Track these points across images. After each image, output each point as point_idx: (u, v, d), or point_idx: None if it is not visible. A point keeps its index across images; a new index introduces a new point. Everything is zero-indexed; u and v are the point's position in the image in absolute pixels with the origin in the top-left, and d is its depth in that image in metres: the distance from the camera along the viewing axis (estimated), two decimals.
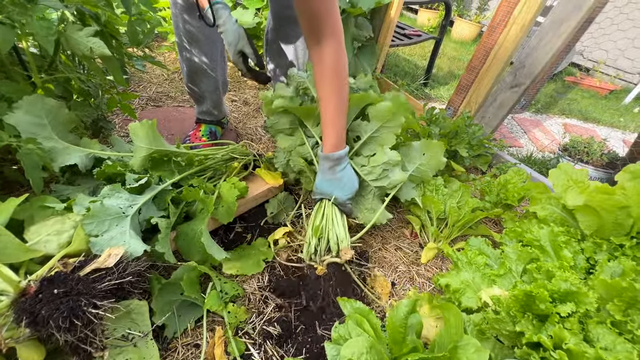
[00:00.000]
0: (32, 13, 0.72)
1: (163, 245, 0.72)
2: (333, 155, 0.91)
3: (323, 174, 0.94)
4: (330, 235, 0.89)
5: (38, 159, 0.75)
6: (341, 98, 0.89)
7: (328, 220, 0.91)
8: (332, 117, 0.88)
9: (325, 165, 0.93)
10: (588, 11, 1.21)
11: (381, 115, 0.97)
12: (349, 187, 0.94)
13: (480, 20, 4.61)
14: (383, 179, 0.98)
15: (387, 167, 0.97)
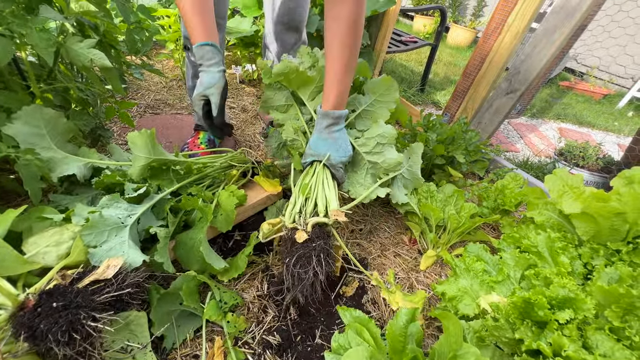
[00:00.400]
0: (32, 25, 0.73)
1: (162, 255, 0.72)
2: (333, 113, 0.88)
3: (319, 133, 0.91)
4: (319, 196, 0.84)
5: (36, 169, 0.75)
6: (353, 56, 0.84)
7: (318, 181, 0.87)
8: (339, 75, 0.85)
9: (322, 123, 0.90)
10: (580, 19, 1.23)
11: (376, 88, 0.98)
12: (344, 149, 0.91)
13: (475, 26, 4.67)
14: (377, 155, 0.95)
15: (381, 140, 0.94)
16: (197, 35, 0.87)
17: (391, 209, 1.27)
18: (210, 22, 0.90)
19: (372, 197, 0.94)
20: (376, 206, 1.27)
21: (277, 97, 1.04)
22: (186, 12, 0.86)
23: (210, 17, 0.90)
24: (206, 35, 0.88)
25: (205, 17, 0.88)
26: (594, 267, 0.84)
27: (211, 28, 0.90)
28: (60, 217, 0.68)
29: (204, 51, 0.88)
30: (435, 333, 0.85)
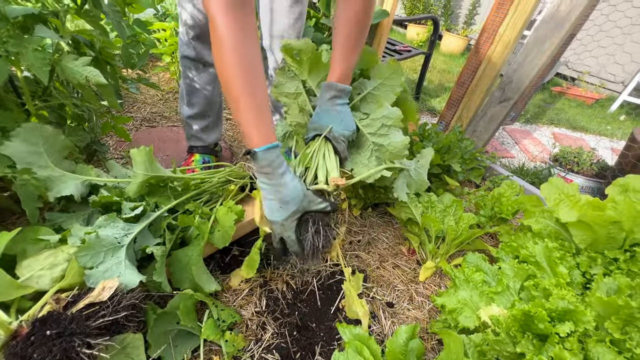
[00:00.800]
0: (28, 44, 0.73)
1: (159, 274, 0.71)
2: (337, 85, 0.86)
3: (322, 105, 0.88)
4: (319, 167, 0.82)
5: (34, 189, 0.75)
6: (361, 37, 0.85)
7: (319, 152, 0.84)
8: (347, 52, 0.84)
9: (326, 95, 0.87)
10: (569, 29, 1.25)
11: (382, 72, 0.96)
12: (346, 122, 0.88)
13: (468, 33, 4.75)
14: (383, 137, 0.92)
15: (386, 122, 0.92)
16: (260, 134, 0.67)
17: (389, 219, 1.27)
18: (269, 113, 0.70)
19: (376, 177, 0.91)
20: (374, 217, 1.27)
21: (288, 85, 1.02)
22: (236, 103, 0.66)
23: (267, 100, 0.70)
24: (271, 132, 0.69)
25: (264, 106, 0.68)
26: (593, 276, 0.84)
27: (271, 119, 0.72)
28: (56, 238, 0.68)
29: (274, 156, 0.68)
30: (436, 346, 0.84)
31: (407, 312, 0.91)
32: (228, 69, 0.63)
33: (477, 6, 4.72)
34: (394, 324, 0.88)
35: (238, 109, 0.66)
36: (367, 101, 0.98)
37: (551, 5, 1.27)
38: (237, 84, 0.64)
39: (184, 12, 1.03)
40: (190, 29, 1.04)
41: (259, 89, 0.67)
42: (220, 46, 0.62)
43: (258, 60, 0.67)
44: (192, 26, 1.04)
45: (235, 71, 0.63)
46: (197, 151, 1.32)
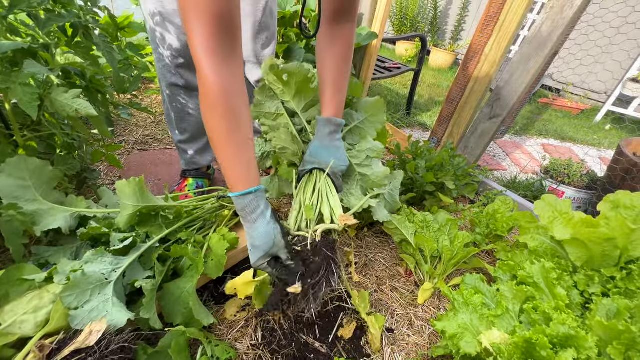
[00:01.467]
0: (17, 79, 0.72)
1: (148, 310, 0.69)
2: (336, 120, 0.89)
3: (321, 140, 0.90)
4: (323, 204, 0.83)
5: (19, 224, 0.73)
6: (349, 70, 0.90)
7: (322, 189, 0.86)
8: (339, 85, 0.88)
9: (324, 130, 0.89)
10: (552, 48, 1.30)
11: (368, 108, 1.03)
12: (344, 158, 0.92)
13: (455, 49, 4.90)
14: (367, 167, 0.99)
15: (370, 154, 0.99)
16: (236, 180, 0.69)
17: (385, 239, 1.26)
18: (252, 156, 0.71)
19: (364, 207, 0.96)
20: (370, 237, 1.26)
21: (268, 104, 1.03)
22: (218, 146, 0.67)
23: (251, 149, 0.71)
24: (248, 177, 0.70)
25: (245, 152, 0.69)
26: (591, 295, 0.84)
27: (254, 166, 0.72)
28: (42, 276, 0.65)
29: (247, 201, 0.70)
30: None
31: (407, 338, 0.89)
32: (213, 112, 0.64)
33: (463, 22, 4.89)
34: (394, 351, 0.85)
35: (220, 152, 0.68)
36: (353, 133, 1.03)
37: (534, 26, 1.31)
38: (220, 128, 0.65)
39: (169, 35, 1.00)
40: (178, 55, 1.02)
41: (242, 133, 0.68)
42: (206, 89, 0.63)
43: (245, 104, 0.68)
44: (179, 52, 1.02)
45: (220, 115, 0.64)
46: (191, 175, 1.30)
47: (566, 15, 1.21)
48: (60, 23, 0.82)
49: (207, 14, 0.56)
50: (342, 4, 0.81)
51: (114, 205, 0.98)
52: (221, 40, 0.60)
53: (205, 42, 0.59)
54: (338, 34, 0.85)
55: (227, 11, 0.59)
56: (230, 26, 0.61)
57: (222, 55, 0.61)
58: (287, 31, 1.87)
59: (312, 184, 0.89)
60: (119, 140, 1.69)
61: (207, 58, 0.60)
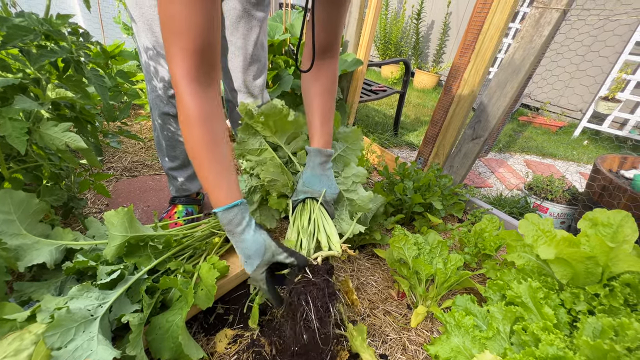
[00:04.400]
0: (6, 115, 0.73)
1: (134, 346, 0.67)
2: (326, 151, 0.93)
3: (312, 170, 0.94)
4: (320, 232, 0.86)
5: (2, 261, 0.71)
6: (334, 102, 0.96)
7: (317, 217, 0.89)
8: (327, 117, 0.93)
9: (316, 160, 0.93)
10: (526, 74, 1.38)
11: (348, 137, 1.11)
12: (335, 186, 0.95)
13: (437, 70, 5.12)
14: (353, 192, 1.03)
15: (356, 179, 1.04)
16: (219, 195, 0.71)
17: (376, 261, 1.27)
18: (233, 174, 0.73)
19: (355, 232, 0.99)
20: (361, 259, 1.27)
21: (251, 141, 1.06)
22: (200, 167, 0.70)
23: (230, 163, 0.73)
24: (230, 192, 0.72)
25: (226, 169, 0.72)
26: (578, 313, 0.85)
27: (236, 183, 0.74)
28: (24, 315, 0.63)
29: (232, 215, 0.71)
30: None
31: None
32: (193, 135, 0.68)
33: (443, 46, 5.15)
34: None
35: (200, 171, 0.70)
36: (337, 162, 1.10)
37: (507, 54, 1.40)
38: (200, 149, 0.69)
39: (162, 69, 1.05)
40: (169, 85, 1.05)
41: (221, 152, 0.71)
42: (186, 115, 0.66)
43: (222, 127, 0.72)
44: (171, 84, 1.06)
45: (200, 138, 0.68)
46: (180, 202, 1.30)
47: (536, 45, 1.30)
48: (52, 59, 0.83)
49: (190, 47, 0.61)
50: (326, 42, 0.87)
51: (101, 236, 0.96)
52: (202, 70, 0.64)
53: (186, 72, 0.63)
54: (322, 69, 0.91)
55: (208, 44, 0.63)
56: (210, 58, 0.65)
57: (202, 84, 0.66)
58: (276, 58, 1.94)
59: (307, 212, 0.92)
60: (108, 167, 1.68)
61: (188, 87, 0.64)
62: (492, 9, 1.37)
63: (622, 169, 1.67)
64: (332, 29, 0.87)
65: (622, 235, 0.91)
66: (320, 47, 0.87)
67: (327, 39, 0.87)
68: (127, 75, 1.94)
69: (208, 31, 0.61)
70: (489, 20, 1.39)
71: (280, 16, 2.00)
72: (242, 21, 1.07)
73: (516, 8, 1.42)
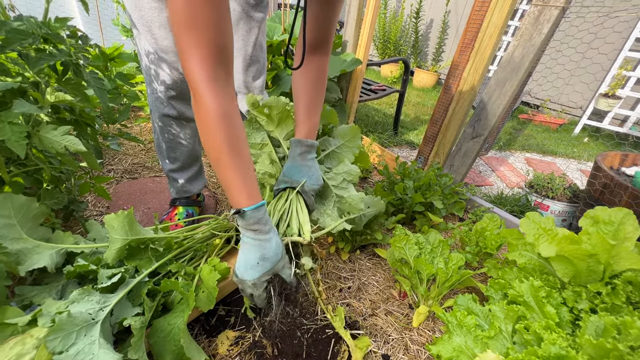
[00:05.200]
0: (5, 119, 0.73)
1: (136, 350, 0.67)
2: (306, 141, 0.94)
3: (292, 160, 0.95)
4: (292, 219, 0.88)
5: (2, 266, 0.71)
6: (322, 96, 0.96)
7: (292, 205, 0.90)
8: (312, 109, 0.94)
9: (296, 150, 0.94)
10: (525, 72, 1.38)
11: (344, 134, 1.11)
12: (316, 177, 0.96)
13: (437, 69, 5.11)
14: (343, 190, 1.04)
15: (347, 177, 1.04)
16: (247, 195, 0.70)
17: (378, 261, 1.27)
18: (254, 170, 0.75)
19: (339, 229, 1.01)
20: (363, 259, 1.26)
21: (255, 135, 1.10)
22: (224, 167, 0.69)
23: (252, 162, 0.74)
24: (257, 192, 0.73)
25: (249, 167, 0.72)
26: (580, 311, 0.85)
27: (256, 181, 0.75)
28: (26, 320, 0.63)
29: (261, 214, 0.71)
30: None
31: None
32: (215, 137, 0.66)
33: (443, 45, 5.14)
34: None
35: (225, 171, 0.69)
36: (331, 158, 1.10)
37: (507, 52, 1.40)
38: (224, 150, 0.67)
39: (162, 72, 1.05)
40: (170, 89, 1.06)
41: (243, 152, 0.71)
42: (206, 116, 0.65)
43: (242, 126, 0.72)
44: (171, 86, 1.06)
45: (223, 138, 0.67)
46: (181, 204, 1.30)
47: (535, 42, 1.30)
48: (51, 62, 0.83)
49: (208, 46, 0.60)
50: (317, 39, 0.88)
51: (102, 239, 0.96)
52: (219, 69, 0.64)
53: (204, 71, 0.62)
54: (312, 64, 0.92)
55: (224, 43, 0.63)
56: (227, 56, 0.65)
57: (220, 83, 0.65)
58: (275, 59, 1.93)
59: (283, 200, 0.94)
60: (108, 169, 1.68)
61: (207, 86, 0.63)
62: (491, 7, 1.37)
63: (623, 166, 1.67)
64: (324, 27, 0.87)
65: (623, 233, 0.91)
66: (312, 44, 0.87)
67: (319, 37, 0.88)
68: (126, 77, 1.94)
69: (224, 28, 0.61)
70: (488, 18, 1.39)
71: (279, 17, 2.00)
72: (241, 22, 1.07)
73: (515, 6, 1.42)
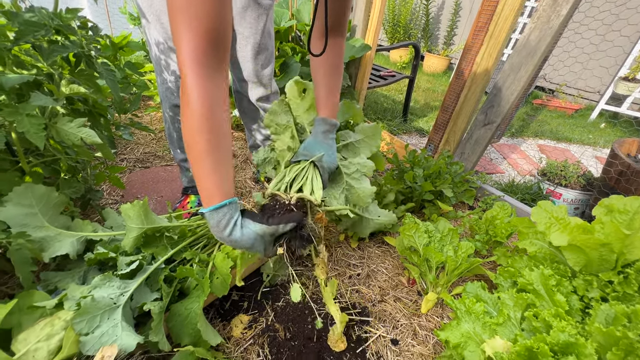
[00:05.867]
0: (23, 111, 0.75)
1: (157, 333, 0.70)
2: (330, 120, 0.96)
3: (315, 136, 0.98)
4: (305, 184, 0.90)
5: (28, 252, 0.74)
6: (340, 78, 0.99)
7: (308, 172, 0.93)
8: (332, 90, 0.96)
9: (320, 128, 0.97)
10: (541, 57, 1.33)
11: (365, 130, 1.12)
12: (334, 157, 0.99)
13: (448, 53, 4.96)
14: (355, 180, 1.06)
15: (361, 168, 1.06)
16: (213, 194, 0.68)
17: (386, 249, 1.28)
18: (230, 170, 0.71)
19: (342, 213, 1.03)
20: (372, 247, 1.28)
21: (282, 116, 1.10)
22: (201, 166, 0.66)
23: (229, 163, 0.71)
24: (224, 192, 0.69)
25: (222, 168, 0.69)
26: (590, 300, 0.85)
27: (231, 180, 0.72)
28: (53, 303, 0.67)
29: (220, 215, 0.69)
30: None
31: (412, 349, 0.90)
32: (193, 126, 0.63)
33: (455, 27, 4.97)
34: None
35: (198, 167, 0.66)
36: (348, 149, 1.11)
37: (522, 36, 1.35)
38: (202, 144, 0.64)
39: (172, 62, 1.06)
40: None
41: (220, 149, 0.67)
42: (188, 101, 0.62)
43: (225, 119, 0.68)
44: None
45: (198, 130, 0.63)
46: (193, 192, 1.33)
47: (553, 25, 1.25)
48: (64, 54, 0.84)
49: (199, 29, 0.57)
50: (332, 21, 0.87)
51: (118, 226, 1.00)
52: (210, 55, 0.60)
53: (193, 55, 0.59)
54: (329, 48, 0.92)
55: (218, 27, 0.59)
56: (220, 42, 0.61)
57: (209, 70, 0.61)
58: (283, 45, 1.91)
59: (299, 168, 0.95)
60: (120, 158, 1.71)
61: (193, 71, 0.60)
62: None
63: None
64: (338, 8, 0.87)
65: (638, 222, 0.89)
66: (328, 27, 0.86)
67: (334, 18, 0.88)
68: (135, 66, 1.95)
69: (220, 12, 0.58)
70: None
71: (286, 2, 1.96)
72: (249, 10, 1.06)
73: None
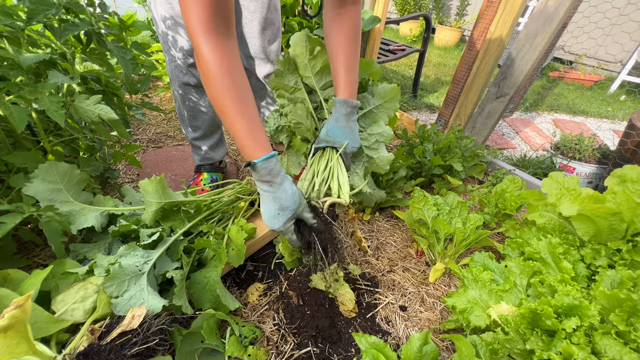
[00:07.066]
0: (43, 90, 0.77)
1: (180, 297, 0.75)
2: (352, 102, 0.92)
3: (337, 121, 0.93)
4: (333, 180, 0.91)
5: (58, 225, 0.79)
6: (359, 52, 0.93)
7: (334, 166, 0.92)
8: (351, 66, 0.91)
9: (341, 110, 0.92)
10: (559, 23, 1.27)
11: (384, 94, 1.07)
12: (357, 139, 0.95)
13: (461, 25, 4.75)
14: (374, 150, 1.04)
15: (380, 138, 1.03)
16: (256, 146, 0.71)
17: (396, 222, 1.30)
18: (262, 126, 0.74)
19: (363, 190, 1.04)
20: (381, 221, 1.30)
21: (288, 77, 1.08)
22: (231, 120, 0.69)
23: (259, 117, 0.74)
24: (266, 143, 0.73)
25: (257, 120, 0.72)
26: (597, 268, 0.87)
27: (265, 134, 0.74)
28: (84, 270, 0.72)
29: (272, 164, 0.72)
30: (450, 346, 0.87)
31: (420, 314, 0.94)
32: (218, 89, 0.67)
33: None
34: (408, 327, 0.91)
35: (232, 124, 0.70)
36: (366, 117, 1.07)
37: (539, 1, 1.29)
38: (228, 102, 0.68)
39: (180, 38, 1.06)
40: (189, 55, 1.07)
41: (249, 104, 0.71)
42: (207, 69, 0.66)
43: (245, 78, 0.71)
44: (190, 53, 1.06)
45: (226, 90, 0.67)
46: (205, 170, 1.36)
47: None
48: (75, 32, 0.85)
49: None
50: None
51: (137, 202, 1.04)
52: (218, 22, 0.63)
53: (203, 24, 0.62)
54: (345, 17, 0.87)
55: None
56: (226, 9, 0.64)
57: (220, 36, 0.65)
58: (289, 20, 1.86)
59: (325, 160, 0.94)
60: (134, 139, 1.75)
61: (206, 38, 0.63)
62: None
63: None
64: None
65: None
66: None
67: None
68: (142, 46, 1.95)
69: None
70: None
71: None
72: None
73: None
